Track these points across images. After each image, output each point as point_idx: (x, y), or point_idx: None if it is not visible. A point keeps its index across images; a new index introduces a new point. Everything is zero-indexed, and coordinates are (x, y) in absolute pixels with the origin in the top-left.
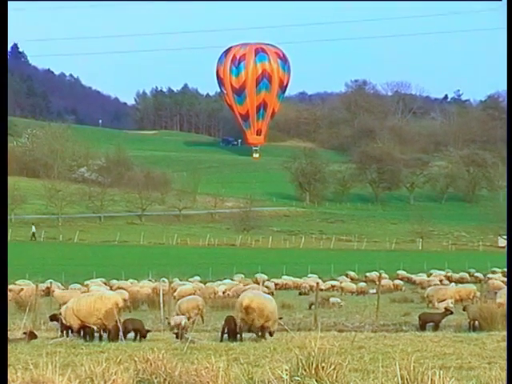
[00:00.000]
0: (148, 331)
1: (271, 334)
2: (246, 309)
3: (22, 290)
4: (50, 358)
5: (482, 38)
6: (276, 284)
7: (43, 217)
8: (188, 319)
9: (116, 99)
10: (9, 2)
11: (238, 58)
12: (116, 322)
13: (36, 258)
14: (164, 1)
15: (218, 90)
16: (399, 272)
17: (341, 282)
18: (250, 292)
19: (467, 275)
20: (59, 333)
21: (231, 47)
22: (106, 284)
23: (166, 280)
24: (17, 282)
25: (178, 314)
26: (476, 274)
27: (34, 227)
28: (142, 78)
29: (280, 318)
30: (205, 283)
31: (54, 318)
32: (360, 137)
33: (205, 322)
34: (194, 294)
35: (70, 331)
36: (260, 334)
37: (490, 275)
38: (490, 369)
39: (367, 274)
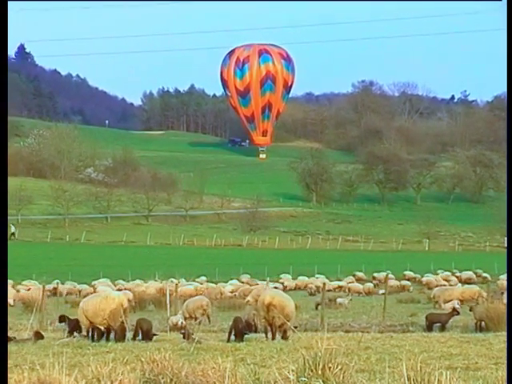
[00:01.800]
0: (154, 335)
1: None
2: (268, 306)
3: (29, 290)
4: (57, 358)
5: (489, 39)
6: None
7: (50, 217)
8: (194, 319)
9: (123, 100)
10: (16, 3)
11: (241, 60)
12: (122, 322)
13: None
14: (170, 1)
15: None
16: (406, 272)
17: (348, 283)
18: (270, 290)
19: (474, 276)
20: (66, 333)
21: (235, 49)
22: (112, 284)
23: (174, 280)
24: (23, 283)
25: (184, 315)
26: (483, 275)
27: (13, 227)
28: (149, 78)
29: (295, 327)
30: (216, 283)
31: (62, 319)
32: (367, 137)
33: (211, 323)
34: (195, 294)
35: (77, 331)
36: (282, 334)
37: (501, 276)
38: (497, 369)
39: (375, 275)
